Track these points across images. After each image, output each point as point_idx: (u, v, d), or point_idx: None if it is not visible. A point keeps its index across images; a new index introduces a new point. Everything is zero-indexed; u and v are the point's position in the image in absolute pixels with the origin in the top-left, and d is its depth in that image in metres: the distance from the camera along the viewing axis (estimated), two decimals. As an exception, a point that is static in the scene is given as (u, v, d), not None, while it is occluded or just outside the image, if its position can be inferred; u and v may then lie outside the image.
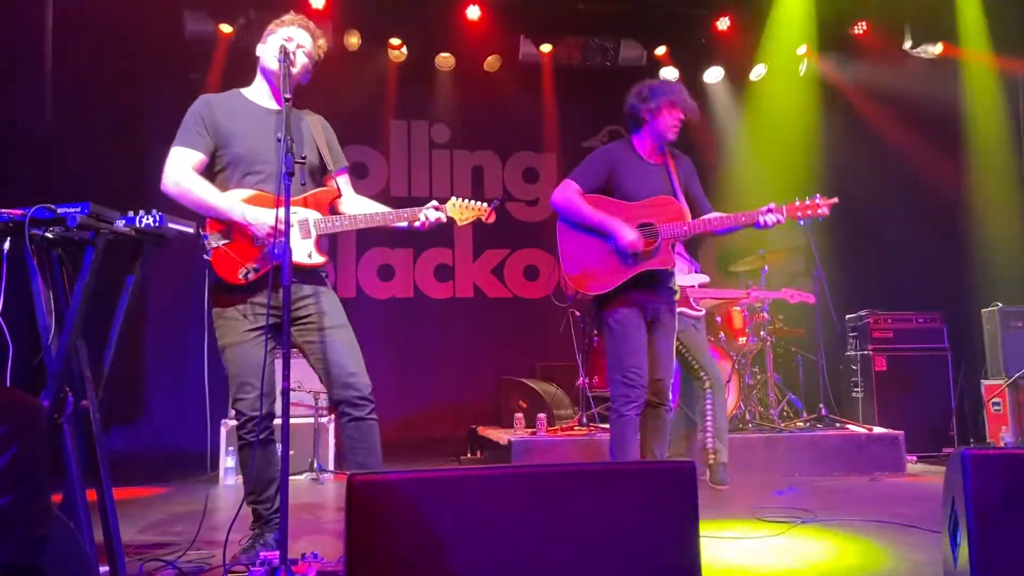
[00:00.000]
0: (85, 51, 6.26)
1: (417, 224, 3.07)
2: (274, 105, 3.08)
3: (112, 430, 6.25)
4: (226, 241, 2.93)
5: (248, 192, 2.97)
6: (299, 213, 3.00)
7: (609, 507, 1.78)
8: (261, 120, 3.05)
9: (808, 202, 3.55)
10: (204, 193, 2.93)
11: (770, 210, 3.54)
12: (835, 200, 3.56)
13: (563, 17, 6.96)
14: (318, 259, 3.03)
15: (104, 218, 2.37)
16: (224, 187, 2.99)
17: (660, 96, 3.74)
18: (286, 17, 3.13)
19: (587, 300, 3.77)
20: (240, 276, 2.92)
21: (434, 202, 3.11)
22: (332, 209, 3.14)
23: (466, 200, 3.13)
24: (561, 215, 3.79)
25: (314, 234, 3.02)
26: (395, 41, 6.94)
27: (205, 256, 2.94)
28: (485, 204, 3.15)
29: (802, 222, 3.61)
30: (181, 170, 2.95)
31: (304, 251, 2.99)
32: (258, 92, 3.14)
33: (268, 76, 3.10)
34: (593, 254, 3.68)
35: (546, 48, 7.23)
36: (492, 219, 3.15)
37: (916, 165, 7.10)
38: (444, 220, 3.09)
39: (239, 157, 3.00)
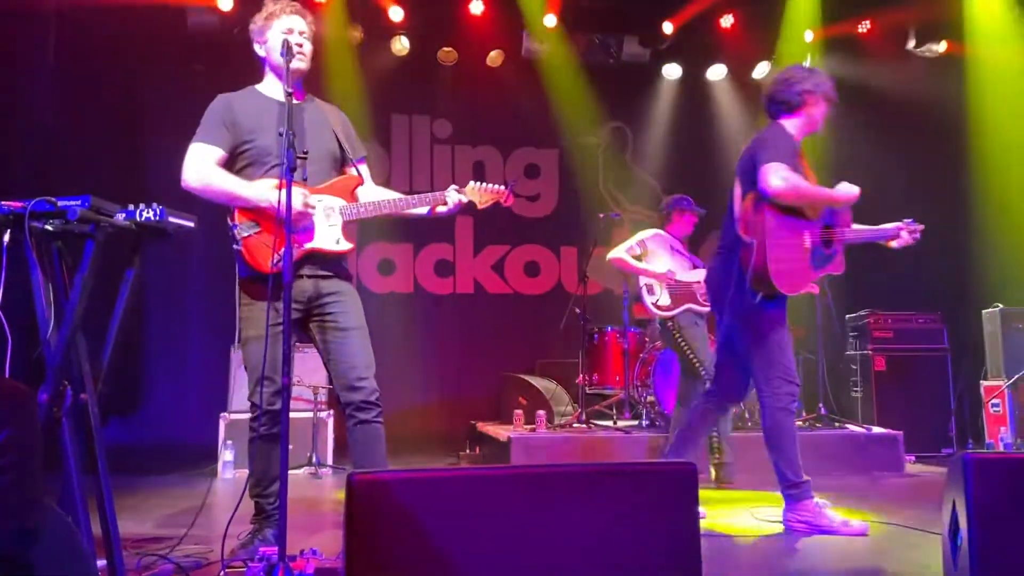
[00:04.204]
0: (86, 43, 6.25)
1: (442, 209, 3.08)
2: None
3: (110, 422, 6.25)
4: (256, 230, 2.93)
5: (275, 181, 2.96)
6: (324, 200, 3.01)
7: (610, 507, 1.78)
8: (277, 114, 3.04)
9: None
10: (230, 184, 2.93)
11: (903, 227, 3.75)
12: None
13: (566, 13, 6.94)
14: (345, 245, 3.03)
15: (104, 211, 2.36)
16: (249, 180, 2.99)
17: (821, 86, 3.60)
18: (274, 8, 3.07)
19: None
20: (272, 264, 2.89)
21: (455, 186, 3.17)
22: (353, 197, 3.14)
23: (485, 184, 3.19)
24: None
25: (340, 221, 3.02)
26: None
27: (235, 247, 2.93)
28: (503, 187, 3.20)
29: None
30: (204, 164, 2.96)
31: (332, 238, 3.01)
32: (270, 87, 3.13)
33: (278, 71, 3.07)
34: (795, 252, 3.58)
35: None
36: (511, 202, 3.23)
37: (917, 165, 7.09)
38: (465, 203, 3.15)
39: (261, 151, 3.01)
